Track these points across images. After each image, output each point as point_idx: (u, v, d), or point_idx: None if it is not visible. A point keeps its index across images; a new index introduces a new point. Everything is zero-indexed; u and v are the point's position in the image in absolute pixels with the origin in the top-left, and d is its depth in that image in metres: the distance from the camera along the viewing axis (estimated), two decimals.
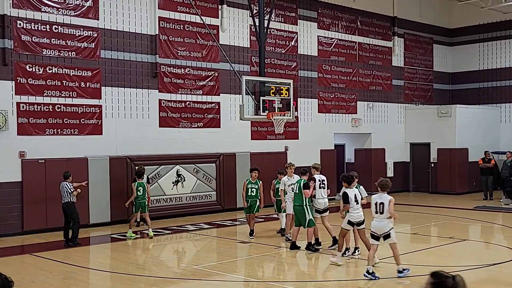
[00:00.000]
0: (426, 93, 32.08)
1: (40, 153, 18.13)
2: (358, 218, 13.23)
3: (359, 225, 13.33)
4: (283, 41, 25.01)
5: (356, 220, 13.22)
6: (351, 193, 13.22)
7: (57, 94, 18.55)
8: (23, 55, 17.89)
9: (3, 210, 17.49)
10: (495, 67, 31.57)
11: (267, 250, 15.16)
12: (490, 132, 30.29)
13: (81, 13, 19.08)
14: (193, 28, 21.88)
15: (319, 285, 12.10)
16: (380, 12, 29.31)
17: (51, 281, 12.22)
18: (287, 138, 24.86)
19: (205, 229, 19.06)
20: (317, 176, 15.20)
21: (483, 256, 14.66)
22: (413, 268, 12.84)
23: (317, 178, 15.12)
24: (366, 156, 28.96)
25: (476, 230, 19.66)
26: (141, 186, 17.22)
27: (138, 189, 17.15)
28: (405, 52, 30.76)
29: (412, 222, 20.45)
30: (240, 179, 22.61)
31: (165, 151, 21.05)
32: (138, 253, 16.00)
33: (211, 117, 22.43)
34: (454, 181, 28.82)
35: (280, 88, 18.05)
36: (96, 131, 19.44)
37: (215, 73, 22.56)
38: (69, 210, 16.13)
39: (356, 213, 13.20)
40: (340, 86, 27.46)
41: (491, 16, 30.79)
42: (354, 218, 13.21)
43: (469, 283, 12.10)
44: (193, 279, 12.60)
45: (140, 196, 17.17)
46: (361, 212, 13.30)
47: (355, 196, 13.22)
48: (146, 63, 20.66)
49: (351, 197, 13.16)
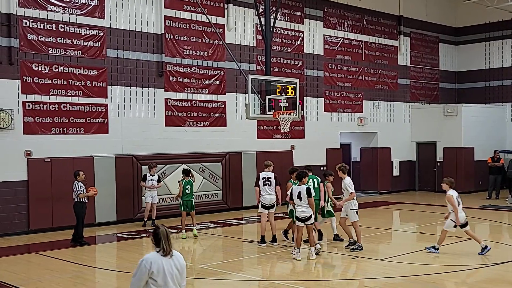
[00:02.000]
0: (432, 92, 32.00)
1: (46, 152, 18.15)
2: (302, 214, 13.66)
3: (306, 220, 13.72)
4: (289, 40, 24.99)
5: (301, 216, 13.67)
6: (296, 190, 13.69)
7: (63, 93, 18.57)
8: (29, 54, 17.92)
9: (9, 209, 17.52)
10: (501, 66, 31.48)
11: (273, 249, 15.14)
12: (496, 131, 30.21)
13: (87, 12, 19.10)
14: (199, 27, 21.88)
15: (325, 284, 12.08)
16: (386, 11, 29.26)
17: (58, 280, 12.22)
18: (293, 137, 24.85)
19: (211, 228, 19.06)
20: (263, 174, 15.73)
21: (489, 255, 14.60)
22: (419, 267, 12.85)
23: (262, 175, 15.69)
24: (372, 155, 28.91)
25: (482, 229, 19.58)
26: (189, 184, 17.06)
27: (186, 187, 17.03)
28: (411, 51, 30.70)
29: (418, 221, 20.43)
30: (246, 178, 22.67)
31: (171, 150, 21.05)
32: (144, 252, 15.99)
33: (217, 116, 22.43)
34: (460, 180, 28.58)
35: (286, 87, 18.02)
36: (102, 130, 19.46)
37: (221, 72, 22.56)
38: (74, 210, 16.17)
39: (300, 210, 13.64)
40: (346, 85, 27.42)
41: (497, 15, 30.69)
42: (299, 214, 13.68)
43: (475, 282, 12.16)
44: (199, 278, 12.59)
45: (188, 195, 17.07)
46: (306, 209, 13.64)
47: (299, 193, 13.62)
48: (152, 62, 20.67)
49: (295, 193, 13.67)
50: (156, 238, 6.40)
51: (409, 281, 11.86)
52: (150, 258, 6.33)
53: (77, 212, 16.10)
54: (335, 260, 13.90)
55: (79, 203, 16.10)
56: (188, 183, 17.08)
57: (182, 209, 17.17)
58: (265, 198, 15.58)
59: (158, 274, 6.28)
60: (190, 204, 17.09)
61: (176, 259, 6.48)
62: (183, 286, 6.57)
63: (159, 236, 6.38)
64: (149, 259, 6.31)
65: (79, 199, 16.04)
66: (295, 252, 13.86)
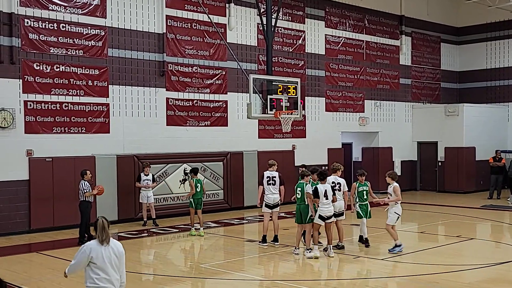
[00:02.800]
0: (434, 91, 31.99)
1: (48, 152, 18.16)
2: (327, 213, 13.86)
3: (328, 219, 13.96)
4: (291, 40, 24.98)
5: (326, 214, 13.86)
6: (322, 188, 13.83)
7: (64, 93, 18.57)
8: (30, 54, 17.92)
9: (11, 208, 17.53)
10: (503, 66, 31.46)
11: (274, 249, 15.14)
12: (498, 131, 30.20)
13: (88, 11, 19.10)
14: (201, 27, 21.88)
15: (326, 284, 12.08)
16: (388, 10, 29.25)
17: (59, 279, 12.20)
18: (294, 136, 24.85)
19: (213, 227, 19.06)
20: (268, 173, 15.70)
21: (490, 255, 14.61)
22: (421, 266, 12.84)
23: (266, 174, 15.69)
24: (374, 155, 28.91)
25: (483, 229, 19.59)
26: (199, 183, 17.24)
27: (196, 185, 17.17)
28: (412, 50, 30.69)
29: (419, 221, 20.42)
30: (247, 178, 22.69)
31: (172, 149, 21.06)
32: (146, 252, 16.02)
33: (218, 115, 22.43)
34: (461, 180, 28.75)
35: (287, 86, 18.00)
36: (104, 129, 19.46)
37: (223, 71, 22.56)
38: (80, 209, 16.25)
39: (326, 208, 13.82)
40: (348, 85, 27.42)
41: (499, 14, 30.67)
42: (324, 213, 13.83)
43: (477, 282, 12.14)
44: (200, 277, 12.61)
45: (199, 193, 17.21)
46: (331, 207, 13.94)
47: (325, 191, 13.81)
48: (153, 62, 20.67)
49: (321, 192, 13.77)
50: (95, 228, 7.24)
51: (411, 280, 11.85)
52: (90, 245, 7.16)
53: (83, 211, 16.18)
54: (336, 260, 13.88)
55: (84, 202, 16.18)
56: (198, 181, 17.28)
57: (194, 207, 17.25)
58: (269, 197, 15.57)
59: (97, 259, 7.07)
60: (200, 202, 17.30)
61: (115, 247, 7.26)
62: (122, 272, 7.32)
63: (96, 226, 7.22)
64: (89, 245, 7.15)
65: (85, 198, 16.10)
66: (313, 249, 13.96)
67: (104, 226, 7.22)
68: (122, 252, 7.32)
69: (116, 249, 7.28)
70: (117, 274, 7.23)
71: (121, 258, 7.31)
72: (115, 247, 7.27)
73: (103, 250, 7.13)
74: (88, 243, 7.20)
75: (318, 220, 13.88)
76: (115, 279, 7.19)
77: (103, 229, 7.21)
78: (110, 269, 7.14)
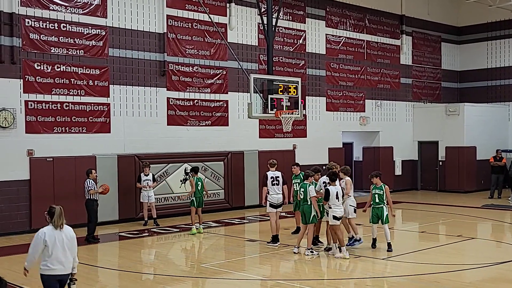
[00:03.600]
0: (434, 91, 31.99)
1: (48, 151, 18.16)
2: (341, 214, 14.02)
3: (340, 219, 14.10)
4: (291, 39, 24.98)
5: (340, 215, 14.01)
6: (334, 190, 13.91)
7: (65, 92, 18.57)
8: (31, 53, 17.93)
9: (11, 208, 17.53)
10: (503, 65, 31.44)
11: (275, 249, 15.14)
12: (498, 130, 30.18)
13: (89, 11, 19.10)
14: (201, 26, 21.88)
15: (327, 283, 12.08)
16: (388, 10, 29.23)
17: None
18: (295, 136, 24.84)
19: (213, 227, 19.06)
20: (271, 173, 15.70)
21: (491, 254, 14.61)
22: (421, 266, 12.84)
23: (270, 174, 15.67)
24: (374, 154, 28.89)
25: (484, 228, 19.59)
26: (199, 181, 17.50)
27: (197, 184, 17.41)
28: (413, 50, 30.68)
29: (420, 220, 20.42)
30: (248, 177, 22.68)
31: (173, 149, 21.06)
32: (146, 251, 16.03)
33: (219, 115, 22.42)
34: (462, 180, 28.74)
35: (288, 86, 18.01)
36: (104, 129, 19.47)
37: (223, 71, 22.56)
38: (86, 207, 16.37)
39: (339, 209, 13.95)
40: (348, 84, 27.41)
41: (499, 14, 30.65)
42: (338, 214, 13.97)
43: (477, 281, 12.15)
44: (200, 277, 12.61)
45: (200, 191, 17.46)
46: (342, 208, 14.09)
47: (337, 193, 13.92)
48: (154, 61, 20.68)
49: (333, 194, 13.87)
50: (51, 214, 8.28)
51: (412, 280, 11.85)
52: (44, 230, 8.22)
53: (89, 209, 16.29)
54: (337, 259, 13.87)
55: (90, 200, 16.30)
56: (199, 180, 17.51)
57: (196, 206, 17.46)
58: (273, 197, 15.59)
59: (50, 243, 8.08)
60: (202, 201, 17.54)
61: (67, 231, 8.33)
62: (75, 254, 8.39)
63: (53, 212, 8.26)
64: (43, 231, 8.21)
65: (90, 196, 16.19)
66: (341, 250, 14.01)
67: (61, 214, 8.32)
68: (73, 236, 8.36)
69: (68, 233, 8.32)
70: (70, 256, 8.26)
71: (73, 241, 8.34)
72: (66, 231, 8.32)
73: (56, 234, 8.18)
74: (42, 229, 8.22)
75: (333, 221, 13.92)
76: (67, 261, 8.22)
77: (60, 215, 8.28)
78: (62, 252, 8.15)
